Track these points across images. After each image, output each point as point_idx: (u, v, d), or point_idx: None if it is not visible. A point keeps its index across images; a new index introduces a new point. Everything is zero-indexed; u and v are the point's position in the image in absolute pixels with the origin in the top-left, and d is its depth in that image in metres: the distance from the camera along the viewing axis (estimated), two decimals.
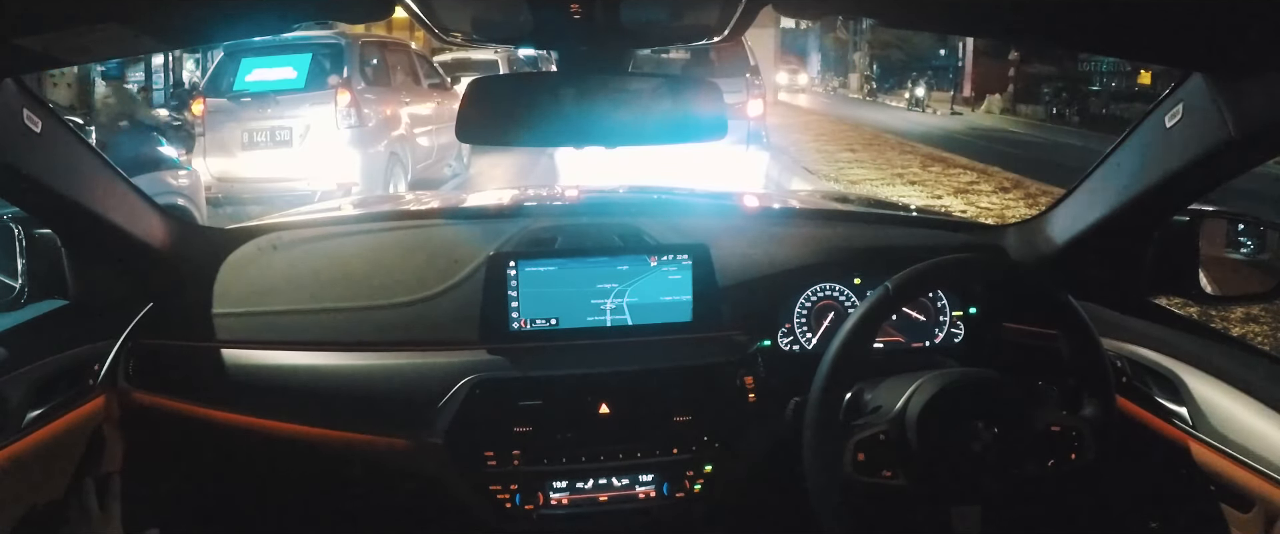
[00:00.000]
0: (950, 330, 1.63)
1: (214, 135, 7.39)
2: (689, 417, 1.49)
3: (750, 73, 8.97)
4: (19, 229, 1.35)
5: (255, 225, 1.68)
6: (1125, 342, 1.46)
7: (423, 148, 8.62)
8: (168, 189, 5.01)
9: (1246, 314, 4.78)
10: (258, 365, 1.49)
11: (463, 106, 1.25)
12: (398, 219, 1.86)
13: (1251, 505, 1.23)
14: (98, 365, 1.41)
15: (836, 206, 2.34)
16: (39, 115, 1.15)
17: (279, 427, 1.48)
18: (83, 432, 1.38)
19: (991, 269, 1.45)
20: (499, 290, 1.50)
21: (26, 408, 1.24)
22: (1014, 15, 1.06)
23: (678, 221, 1.69)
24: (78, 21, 0.93)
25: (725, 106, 1.31)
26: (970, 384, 1.25)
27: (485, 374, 1.46)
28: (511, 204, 1.96)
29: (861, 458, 1.23)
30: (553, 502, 1.49)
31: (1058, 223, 1.58)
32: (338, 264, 1.59)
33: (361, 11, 1.16)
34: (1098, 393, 1.29)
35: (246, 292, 1.55)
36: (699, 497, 1.50)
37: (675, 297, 1.55)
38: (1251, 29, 0.94)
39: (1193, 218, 1.47)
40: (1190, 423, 1.31)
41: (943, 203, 8.68)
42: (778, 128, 13.56)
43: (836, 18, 7.82)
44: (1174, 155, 1.24)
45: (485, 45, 7.23)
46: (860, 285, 1.60)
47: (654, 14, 1.26)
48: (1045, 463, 1.27)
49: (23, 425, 1.23)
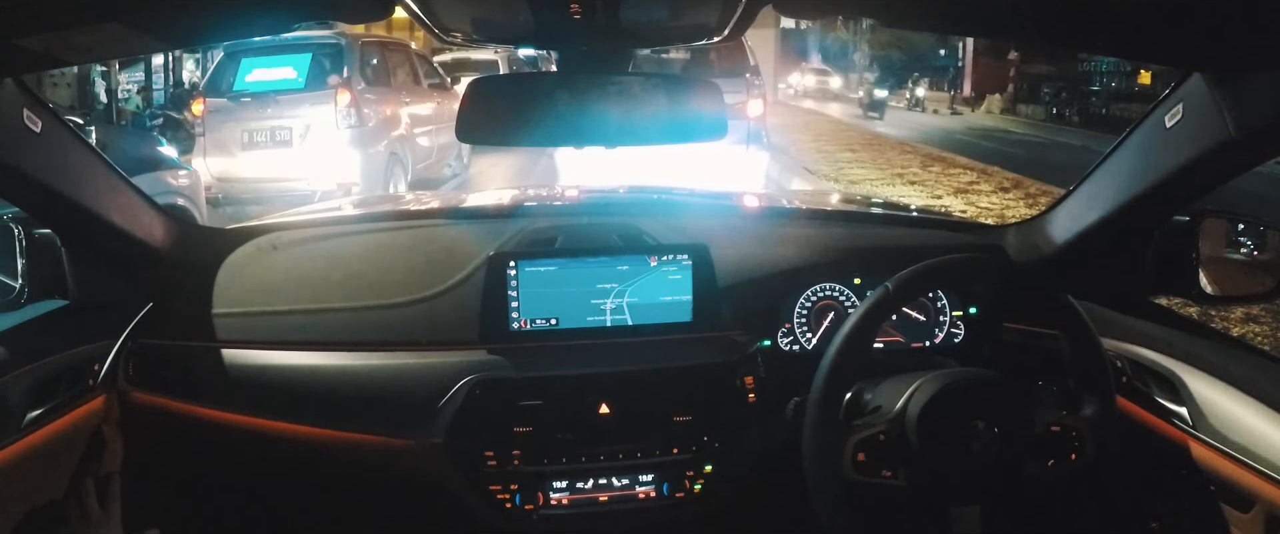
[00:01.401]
0: (950, 330, 1.63)
1: (214, 135, 7.39)
2: (689, 417, 1.49)
3: (750, 73, 8.97)
4: (19, 229, 1.35)
5: (255, 225, 1.68)
6: (1125, 342, 1.46)
7: (423, 148, 8.62)
8: (168, 189, 5.01)
9: (1246, 314, 4.78)
10: (258, 365, 1.49)
11: (463, 106, 1.25)
12: (398, 219, 1.86)
13: (1251, 505, 1.23)
14: (98, 365, 1.41)
15: (836, 207, 2.35)
16: (39, 115, 1.15)
17: (279, 427, 1.48)
18: (83, 432, 1.38)
19: (991, 269, 1.45)
20: (499, 290, 1.50)
21: (26, 408, 1.24)
22: (1014, 15, 1.06)
23: (678, 221, 1.69)
24: (78, 21, 0.93)
25: (725, 106, 1.31)
26: (970, 384, 1.25)
27: (485, 374, 1.46)
28: (511, 204, 1.96)
29: (861, 458, 1.23)
30: (553, 502, 1.49)
31: (1058, 223, 1.58)
32: (338, 264, 1.59)
33: (361, 11, 1.16)
34: (1098, 393, 1.29)
35: (246, 292, 1.55)
36: (699, 497, 1.50)
37: (675, 297, 1.55)
38: (1251, 29, 0.94)
39: (1193, 218, 1.47)
40: (1190, 423, 1.31)
41: (943, 203, 8.68)
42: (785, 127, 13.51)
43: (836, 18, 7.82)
44: (1174, 155, 1.24)
45: (485, 45, 7.24)
46: (860, 285, 1.60)
47: (654, 14, 1.26)
48: (1045, 463, 1.27)
49: (23, 425, 1.23)
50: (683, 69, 8.33)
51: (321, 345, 1.51)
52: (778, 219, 1.93)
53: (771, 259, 1.63)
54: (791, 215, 2.00)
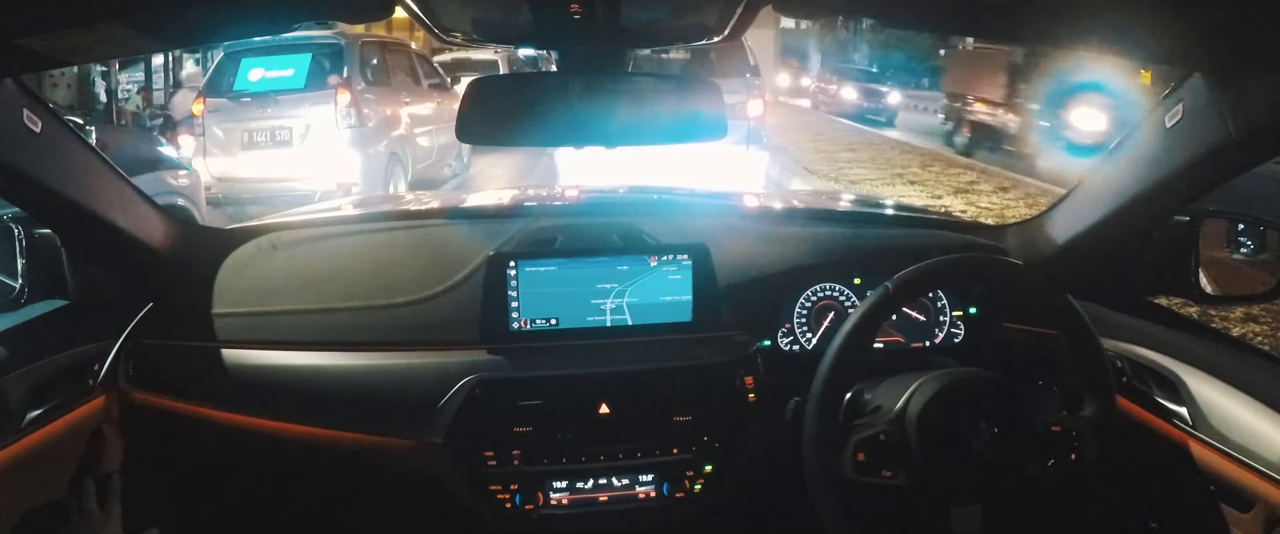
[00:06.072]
0: (950, 330, 1.63)
1: (214, 135, 7.39)
2: (689, 417, 1.49)
3: (750, 73, 8.97)
4: (19, 229, 1.35)
5: (255, 225, 1.68)
6: (1125, 342, 1.46)
7: (423, 148, 8.62)
8: (168, 189, 5.01)
9: (1246, 314, 4.79)
10: (258, 365, 1.49)
11: (463, 106, 1.26)
12: (398, 219, 1.86)
13: (1251, 505, 1.23)
14: (98, 365, 1.41)
15: (836, 207, 2.35)
16: (39, 115, 1.15)
17: (279, 427, 1.48)
18: (83, 432, 1.38)
19: (991, 269, 1.45)
20: (499, 290, 1.50)
21: (26, 408, 1.24)
22: (1014, 15, 1.06)
23: (678, 221, 1.69)
24: (78, 21, 0.93)
25: (725, 106, 1.31)
26: (970, 384, 1.25)
27: (485, 374, 1.46)
28: (511, 204, 1.96)
29: (861, 458, 1.23)
30: (553, 501, 1.49)
31: (1058, 223, 1.58)
32: (338, 264, 1.59)
33: (361, 11, 1.17)
34: (1098, 393, 1.29)
35: (246, 292, 1.55)
36: (699, 497, 1.50)
37: (675, 297, 1.55)
38: (1251, 29, 0.94)
39: (1193, 218, 1.47)
40: (1190, 423, 1.31)
41: (943, 203, 8.68)
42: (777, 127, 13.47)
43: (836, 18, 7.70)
44: (1174, 155, 1.24)
45: (485, 45, 7.24)
46: (860, 285, 1.60)
47: (654, 14, 1.26)
48: (1045, 463, 1.27)
49: (23, 425, 1.23)
50: (683, 69, 8.33)
51: (321, 345, 1.51)
52: (778, 219, 1.93)
53: (771, 259, 1.63)
54: (791, 215, 2.00)
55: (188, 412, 1.49)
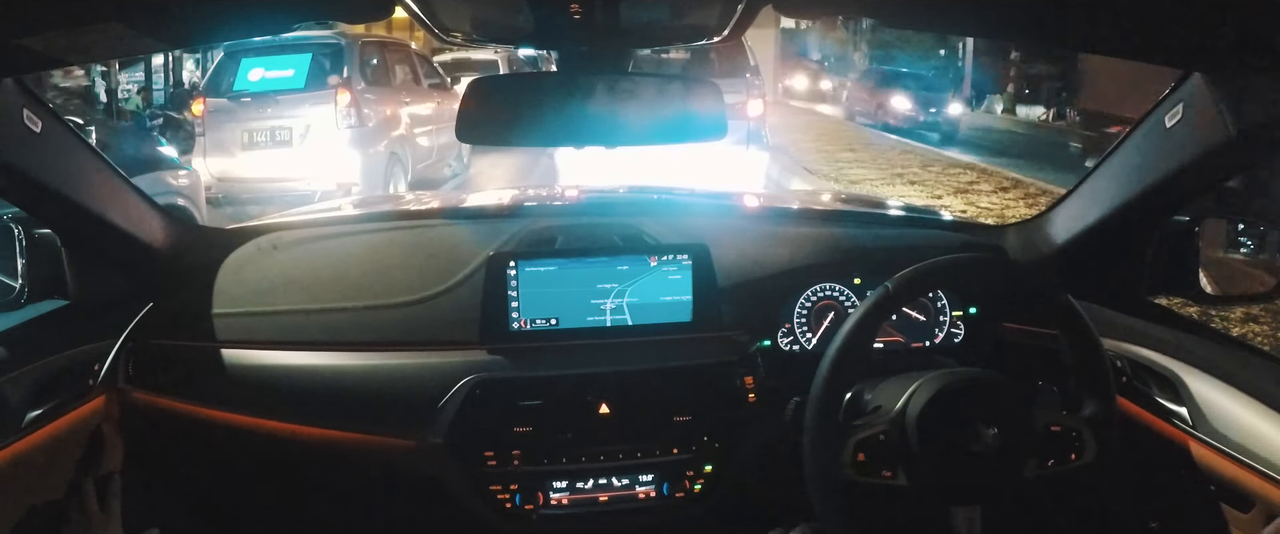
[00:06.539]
0: (950, 330, 1.63)
1: (214, 135, 7.39)
2: (689, 417, 1.49)
3: (750, 73, 8.97)
4: (19, 229, 1.35)
5: (255, 225, 1.68)
6: (1125, 342, 1.46)
7: (423, 148, 8.62)
8: (168, 189, 5.01)
9: (1246, 314, 4.78)
10: (258, 365, 1.49)
11: (463, 106, 1.25)
12: (398, 219, 1.86)
13: (1251, 505, 1.23)
14: (98, 365, 1.41)
15: (836, 207, 2.35)
16: (39, 115, 1.15)
17: (279, 427, 1.48)
18: (83, 432, 1.38)
19: (991, 269, 1.45)
20: (499, 290, 1.50)
21: (27, 408, 1.24)
22: (1014, 15, 1.06)
23: (678, 221, 1.69)
24: (78, 21, 0.93)
25: (725, 106, 1.31)
26: (970, 384, 1.25)
27: (485, 374, 1.46)
28: (511, 204, 1.96)
29: (861, 458, 1.23)
30: (553, 502, 1.49)
31: (1058, 223, 1.58)
32: (338, 264, 1.59)
33: (361, 11, 1.17)
34: (1098, 393, 1.29)
35: (246, 292, 1.55)
36: (699, 497, 1.51)
37: (675, 296, 1.55)
38: (1251, 29, 0.94)
39: (1193, 218, 1.47)
40: (1190, 423, 1.31)
41: (943, 203, 8.68)
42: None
43: (836, 18, 7.72)
44: (1174, 155, 1.24)
45: (485, 45, 7.23)
46: (860, 285, 1.60)
47: (654, 14, 1.26)
48: (1045, 463, 1.26)
49: (23, 425, 1.23)
50: (683, 69, 8.32)
51: (321, 345, 1.51)
52: (778, 219, 1.93)
53: (771, 259, 1.63)
54: (791, 215, 2.00)
55: (188, 412, 1.49)
